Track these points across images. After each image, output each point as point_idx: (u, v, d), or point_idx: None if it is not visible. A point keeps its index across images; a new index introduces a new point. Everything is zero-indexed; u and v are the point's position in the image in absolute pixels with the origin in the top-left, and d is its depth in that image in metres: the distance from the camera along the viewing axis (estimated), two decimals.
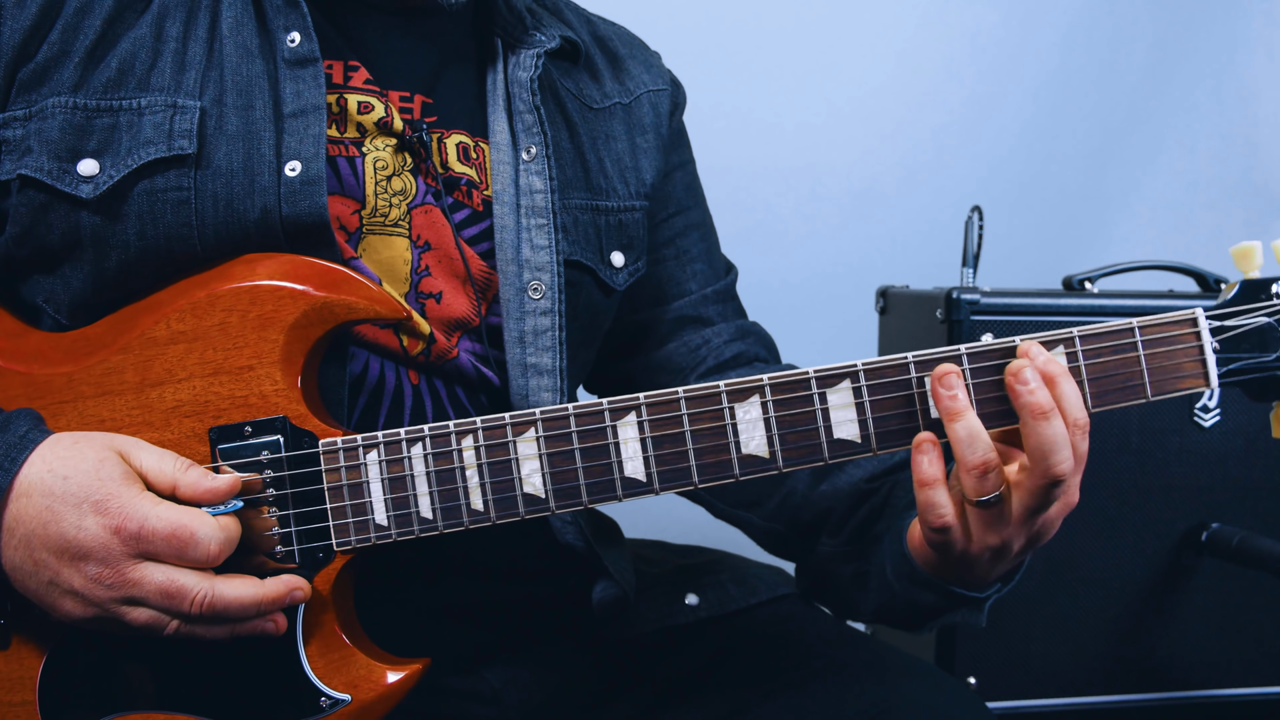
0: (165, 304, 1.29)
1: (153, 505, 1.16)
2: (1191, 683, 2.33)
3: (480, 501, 1.24)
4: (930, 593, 1.32)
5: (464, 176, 1.47)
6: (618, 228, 1.58)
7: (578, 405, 1.23)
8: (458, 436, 1.24)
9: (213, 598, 1.17)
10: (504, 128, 1.50)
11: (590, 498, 1.23)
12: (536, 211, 1.46)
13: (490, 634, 1.49)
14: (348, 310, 1.27)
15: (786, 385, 1.21)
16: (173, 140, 1.29)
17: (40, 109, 1.30)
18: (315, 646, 1.26)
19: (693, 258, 1.70)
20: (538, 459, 1.23)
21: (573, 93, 1.60)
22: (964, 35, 3.27)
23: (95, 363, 1.29)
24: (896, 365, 1.20)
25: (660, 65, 1.73)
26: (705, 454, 1.22)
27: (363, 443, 1.25)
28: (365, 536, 1.26)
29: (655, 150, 1.65)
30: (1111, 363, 1.19)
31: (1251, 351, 1.19)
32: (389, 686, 1.26)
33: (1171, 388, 1.19)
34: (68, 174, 1.29)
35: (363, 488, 1.25)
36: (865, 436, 1.21)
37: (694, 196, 1.74)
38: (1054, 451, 1.14)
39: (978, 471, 1.16)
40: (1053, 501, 1.18)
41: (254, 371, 1.26)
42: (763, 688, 1.44)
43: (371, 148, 1.41)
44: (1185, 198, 3.39)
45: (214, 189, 1.29)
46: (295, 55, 1.36)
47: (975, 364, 1.19)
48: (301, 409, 1.26)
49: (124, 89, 1.32)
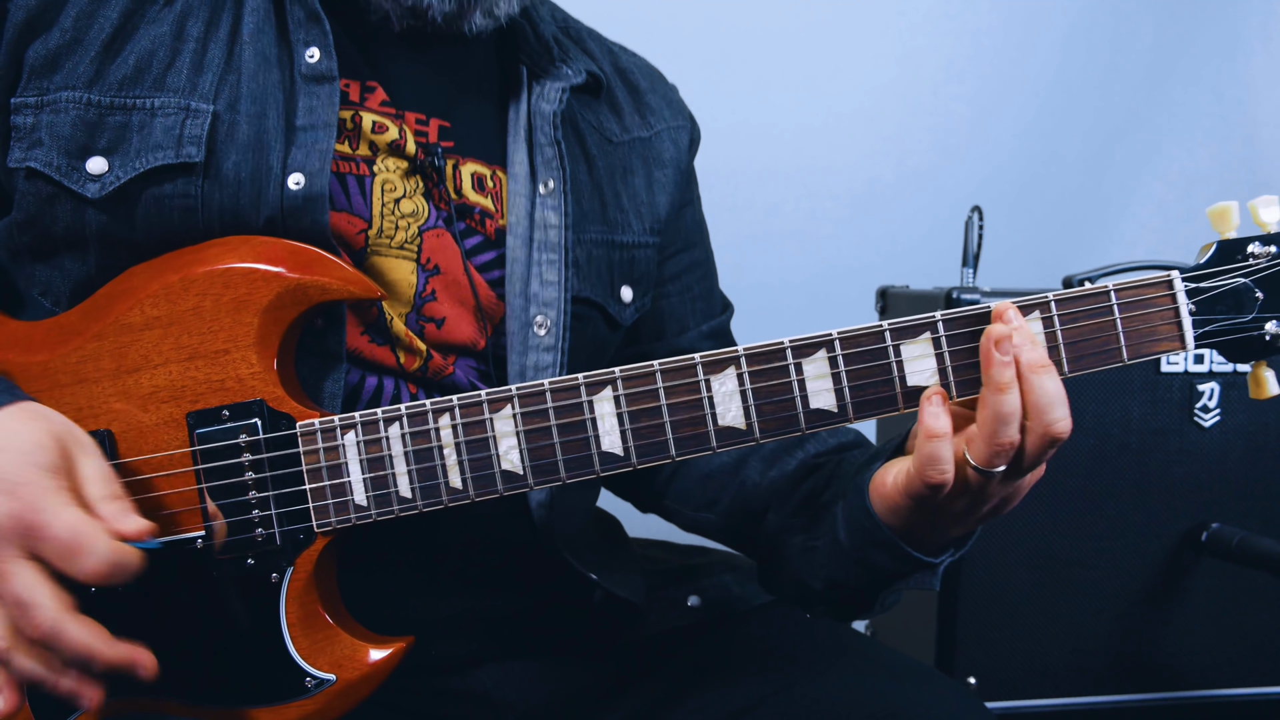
0: (139, 289, 1.28)
1: (63, 505, 1.13)
2: (1191, 683, 2.33)
3: (459, 479, 1.24)
4: (883, 552, 1.30)
5: (477, 206, 1.45)
6: (629, 263, 1.57)
7: (554, 380, 1.22)
8: (435, 415, 1.24)
9: (55, 628, 1.12)
10: (523, 159, 1.48)
11: (568, 473, 1.23)
12: (549, 246, 1.46)
13: (487, 640, 1.49)
14: (321, 291, 1.27)
15: (762, 355, 1.20)
16: (181, 147, 1.29)
17: (54, 101, 1.30)
18: (299, 627, 1.26)
19: (695, 295, 1.70)
20: (515, 435, 1.23)
21: (593, 125, 1.58)
22: (964, 36, 3.27)
23: (70, 350, 1.29)
24: (872, 334, 1.19)
25: (679, 100, 1.72)
26: (682, 426, 1.21)
27: (340, 423, 1.25)
28: (345, 517, 1.25)
29: (673, 185, 1.64)
30: (1088, 327, 1.18)
31: (1227, 313, 1.18)
32: (373, 665, 1.26)
33: (1148, 350, 1.18)
34: (76, 171, 1.29)
35: (341, 468, 1.25)
36: (842, 406, 1.20)
37: (700, 233, 1.74)
38: (1054, 406, 1.14)
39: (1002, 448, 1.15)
40: (1043, 461, 1.18)
41: (230, 355, 1.26)
42: (763, 690, 1.43)
43: (382, 168, 1.40)
44: (1185, 198, 3.39)
45: (220, 199, 1.29)
46: (313, 71, 1.35)
47: (951, 330, 1.19)
48: (279, 391, 1.25)
49: (140, 87, 1.31)
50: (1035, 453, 1.17)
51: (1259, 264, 1.18)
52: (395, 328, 1.38)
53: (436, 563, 1.42)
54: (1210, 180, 3.40)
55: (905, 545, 1.29)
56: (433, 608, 1.43)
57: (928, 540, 1.29)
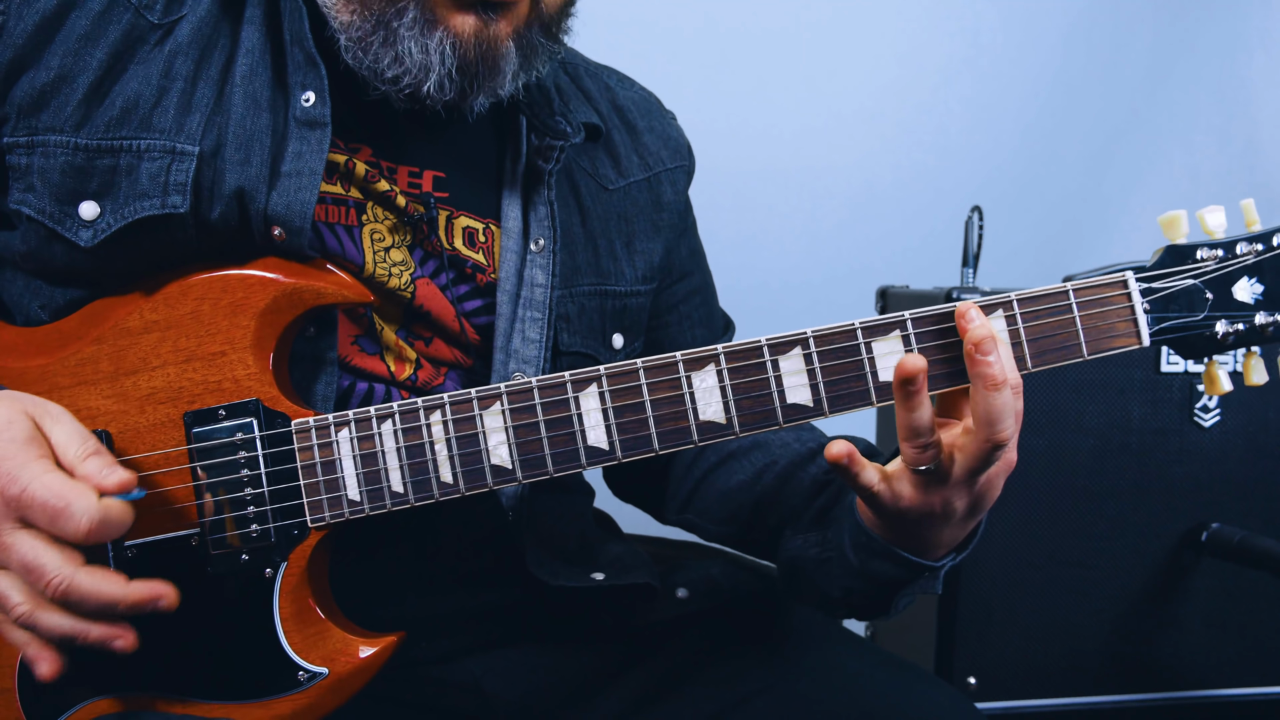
0: (137, 296, 1.31)
1: (41, 472, 1.14)
2: (1191, 683, 2.33)
3: (449, 474, 1.26)
4: (885, 562, 1.32)
5: (470, 260, 1.46)
6: (621, 312, 1.58)
7: (541, 378, 1.25)
8: (426, 411, 1.26)
9: (70, 583, 1.14)
10: (517, 215, 1.49)
11: (556, 467, 1.26)
12: (534, 305, 1.47)
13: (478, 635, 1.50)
14: (316, 295, 1.30)
15: (740, 353, 1.24)
16: (167, 195, 1.29)
17: (44, 143, 1.30)
18: (292, 621, 1.28)
19: (694, 322, 1.71)
20: (504, 431, 1.25)
21: (588, 172, 1.58)
22: (964, 36, 3.28)
23: (69, 354, 1.31)
24: (845, 332, 1.24)
25: (677, 134, 1.71)
26: (665, 421, 1.25)
27: (334, 421, 1.27)
28: (339, 512, 1.27)
29: (669, 227, 1.64)
30: (1049, 324, 1.24)
31: (1180, 312, 1.25)
32: (365, 659, 1.28)
33: (1107, 346, 1.24)
34: (69, 218, 1.30)
35: (335, 464, 1.27)
36: (817, 400, 1.24)
37: (696, 261, 1.74)
38: (1002, 419, 1.17)
39: (917, 446, 1.19)
40: (993, 462, 1.21)
41: (226, 357, 1.28)
42: (753, 684, 1.44)
43: (370, 217, 1.40)
44: (1185, 198, 3.36)
45: (209, 246, 1.31)
46: (307, 116, 1.35)
47: (920, 328, 1.23)
48: (274, 392, 1.28)
49: (126, 128, 1.30)
50: (981, 455, 1.19)
51: (1206, 266, 1.25)
52: (385, 337, 1.40)
53: (428, 559, 1.43)
54: (1210, 180, 3.41)
55: (903, 552, 1.31)
56: (424, 604, 1.44)
57: (923, 546, 1.30)
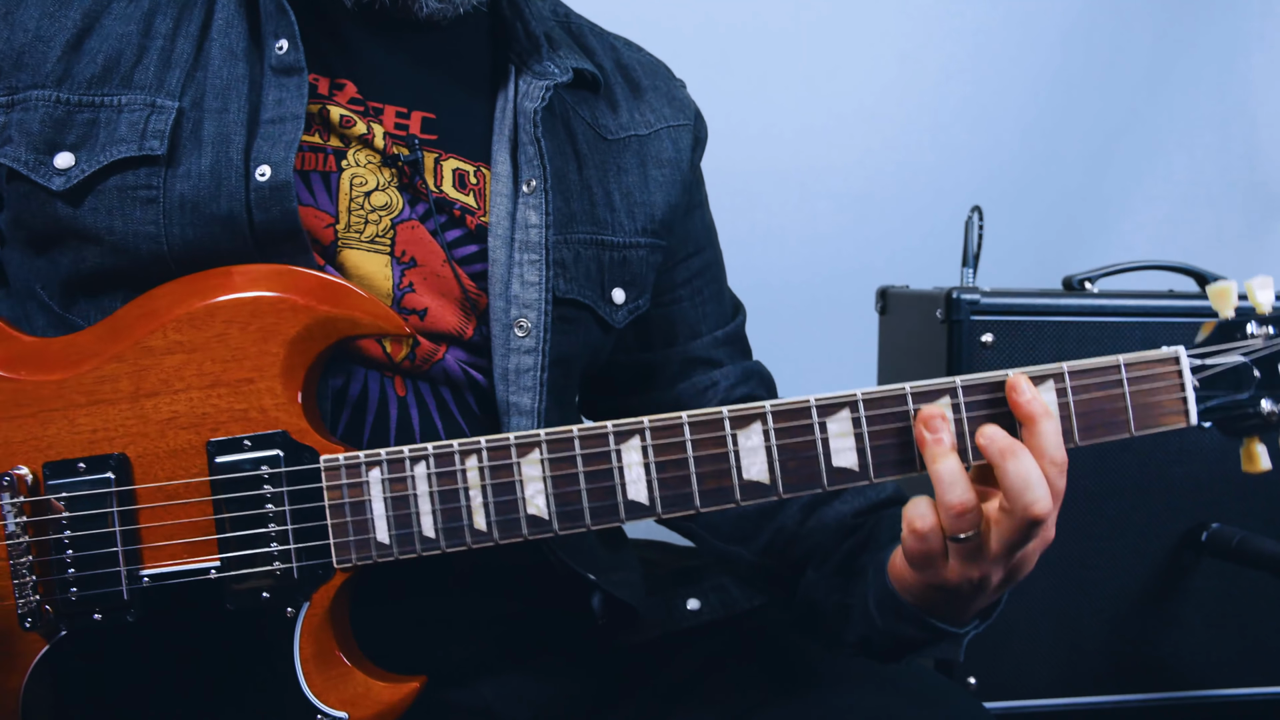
0: (161, 313, 1.27)
1: None
2: (1191, 683, 2.33)
3: (484, 522, 1.24)
4: (910, 625, 1.32)
5: (458, 202, 1.45)
6: (621, 264, 1.56)
7: (582, 428, 1.22)
8: (461, 456, 1.23)
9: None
10: (506, 158, 1.48)
11: (594, 520, 1.23)
12: (530, 247, 1.45)
13: (486, 647, 1.49)
14: (351, 325, 1.27)
15: (788, 413, 1.22)
16: (145, 140, 1.31)
17: (24, 99, 1.33)
18: (312, 664, 1.25)
19: (706, 299, 1.70)
20: (542, 480, 1.23)
21: (587, 121, 1.58)
22: (964, 36, 3.26)
23: (87, 370, 1.27)
24: (894, 396, 1.22)
25: (684, 97, 1.71)
26: (708, 479, 1.22)
27: (365, 460, 1.24)
28: (367, 554, 1.25)
29: (672, 185, 1.63)
30: (1098, 398, 1.22)
31: (1228, 390, 1.23)
32: (385, 704, 1.26)
33: (1154, 423, 1.23)
34: (43, 165, 1.31)
35: (364, 505, 1.24)
36: (864, 465, 1.22)
37: (710, 237, 1.74)
38: (1029, 489, 1.16)
39: (955, 511, 1.18)
40: (1031, 539, 1.20)
41: (254, 385, 1.25)
42: (762, 694, 1.44)
43: (351, 162, 1.40)
44: (1185, 198, 3.39)
45: (181, 190, 1.30)
46: (281, 63, 1.36)
47: (970, 397, 1.21)
48: (302, 424, 1.25)
49: (108, 85, 1.33)
50: (1017, 531, 1.19)
51: (1255, 344, 1.23)
52: None
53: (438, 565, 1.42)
54: (1210, 180, 3.40)
55: (930, 619, 1.30)
56: (434, 609, 1.43)
57: (952, 614, 1.30)
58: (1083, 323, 2.23)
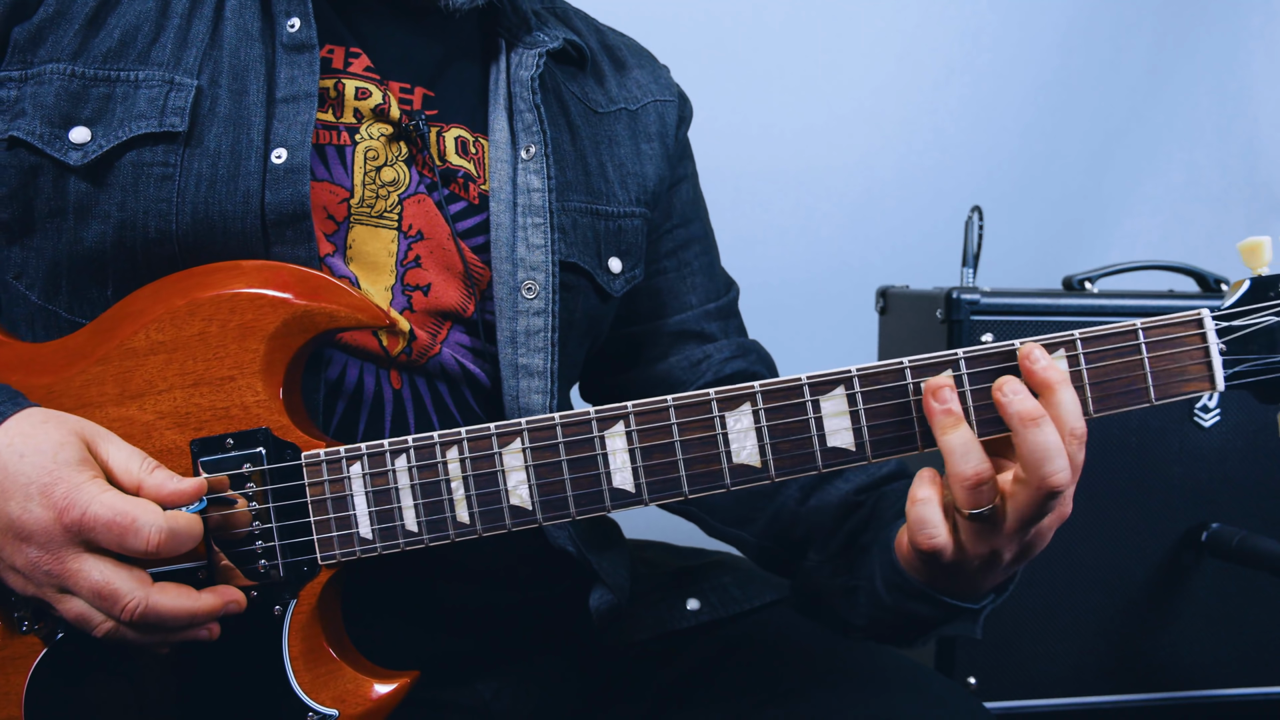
0: (144, 313, 1.27)
1: (99, 492, 1.14)
2: (1191, 683, 2.33)
3: (466, 514, 1.22)
4: (922, 604, 1.29)
5: (461, 169, 1.46)
6: (616, 233, 1.56)
7: (564, 415, 1.20)
8: (442, 448, 1.22)
9: (146, 606, 1.14)
10: (503, 125, 1.49)
11: (578, 509, 1.21)
12: (533, 210, 1.46)
13: (482, 642, 1.47)
14: (329, 319, 1.25)
15: (778, 392, 1.18)
16: (165, 116, 1.30)
17: (38, 73, 1.32)
18: (302, 661, 1.24)
19: (693, 270, 1.69)
20: (524, 470, 1.21)
21: (577, 96, 1.59)
22: (964, 36, 3.26)
23: (74, 374, 1.27)
24: (892, 371, 1.17)
25: (668, 78, 1.73)
26: (696, 464, 1.19)
27: (346, 454, 1.23)
28: (350, 550, 1.24)
29: (660, 158, 1.64)
30: (1114, 366, 1.15)
31: (1259, 352, 1.14)
32: (377, 700, 1.25)
33: (1176, 391, 1.15)
34: (59, 139, 1.30)
35: (346, 500, 1.23)
36: (860, 445, 1.17)
37: (697, 210, 1.73)
38: (1048, 460, 1.11)
39: (970, 483, 1.13)
40: (1048, 512, 1.15)
41: (235, 382, 1.25)
42: (762, 694, 1.42)
43: (365, 135, 1.40)
44: (1185, 198, 3.39)
45: (199, 169, 1.30)
46: (294, 41, 1.38)
47: (973, 368, 1.16)
48: (284, 420, 1.24)
49: (124, 60, 1.33)
50: (1034, 504, 1.14)
51: None
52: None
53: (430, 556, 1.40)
54: (1210, 180, 3.40)
55: (942, 596, 1.28)
56: (429, 598, 1.42)
57: (964, 591, 1.27)
58: (1083, 323, 2.21)
